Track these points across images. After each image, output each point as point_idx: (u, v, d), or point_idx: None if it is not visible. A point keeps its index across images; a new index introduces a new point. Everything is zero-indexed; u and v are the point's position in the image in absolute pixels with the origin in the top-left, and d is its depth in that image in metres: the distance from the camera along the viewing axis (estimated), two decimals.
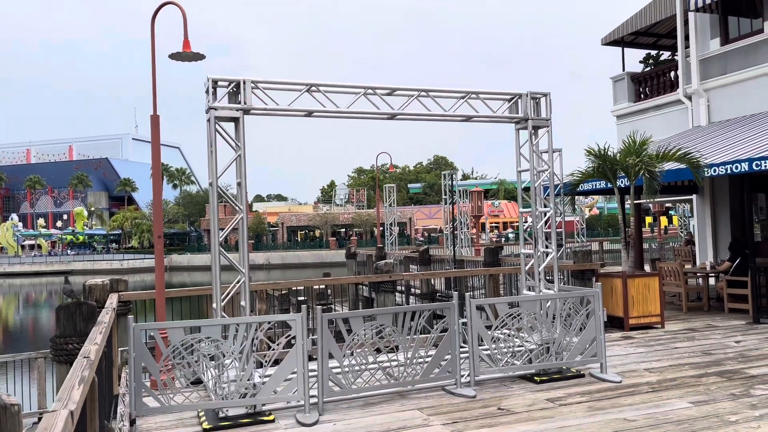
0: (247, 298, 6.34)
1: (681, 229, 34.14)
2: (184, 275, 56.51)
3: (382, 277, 9.77)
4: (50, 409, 2.44)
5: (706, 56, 15.15)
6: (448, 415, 5.80)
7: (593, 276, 10.64)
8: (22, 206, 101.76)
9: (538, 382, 6.83)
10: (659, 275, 10.55)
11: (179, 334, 5.74)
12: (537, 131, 7.69)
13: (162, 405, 5.63)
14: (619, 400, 6.12)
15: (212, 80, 6.18)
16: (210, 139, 6.15)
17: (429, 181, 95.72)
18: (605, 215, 78.77)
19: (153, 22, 7.88)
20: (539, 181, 7.79)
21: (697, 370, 7.20)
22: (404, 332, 6.42)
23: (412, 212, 77.68)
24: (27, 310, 41.38)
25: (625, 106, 17.69)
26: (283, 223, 76.08)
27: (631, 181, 10.34)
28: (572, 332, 7.09)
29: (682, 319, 10.79)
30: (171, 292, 8.23)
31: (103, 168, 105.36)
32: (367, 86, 6.79)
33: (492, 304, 7.28)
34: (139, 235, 76.62)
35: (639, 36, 18.40)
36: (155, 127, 7.75)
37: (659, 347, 8.58)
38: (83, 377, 2.99)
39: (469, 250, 28.16)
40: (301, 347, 5.84)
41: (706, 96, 15.12)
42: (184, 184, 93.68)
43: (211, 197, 6.26)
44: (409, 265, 20.74)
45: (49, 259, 70.18)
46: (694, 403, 5.97)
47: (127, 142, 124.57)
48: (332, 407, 6.08)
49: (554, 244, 7.79)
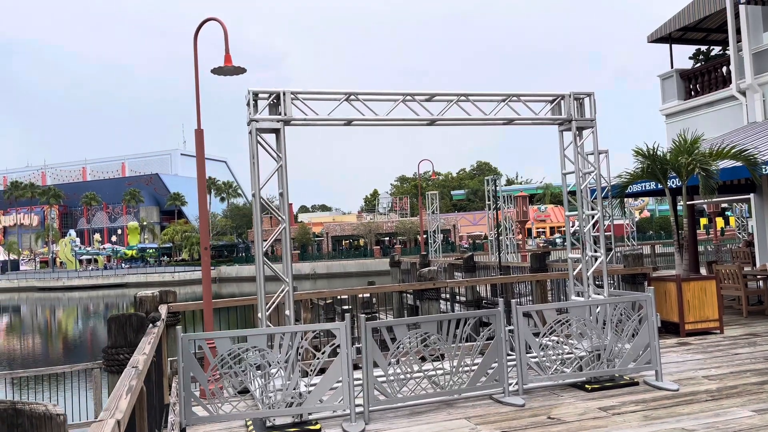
0: (291, 307, 6.38)
1: (739, 231, 32.75)
2: (233, 286, 57.64)
3: (425, 284, 9.69)
4: (98, 418, 2.48)
5: (760, 50, 14.55)
6: (496, 425, 5.68)
7: (645, 280, 10.29)
8: (79, 222, 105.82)
9: (590, 390, 6.62)
10: (716, 278, 10.12)
11: (226, 343, 5.81)
12: (581, 132, 7.50)
13: (211, 414, 5.70)
14: (677, 409, 5.87)
15: (253, 93, 6.28)
16: (252, 151, 6.23)
17: (472, 187, 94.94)
18: (656, 217, 76.44)
19: (195, 38, 8.07)
20: (585, 183, 7.59)
21: (760, 377, 6.85)
22: (449, 340, 6.33)
23: (456, 219, 77.19)
24: (85, 321, 42.88)
25: (675, 104, 17.16)
26: (327, 233, 76.78)
27: (682, 180, 9.98)
28: (624, 338, 6.86)
29: (743, 324, 10.32)
30: (218, 303, 8.36)
31: (154, 183, 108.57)
32: (405, 93, 6.77)
33: (539, 311, 7.12)
34: (189, 248, 78.52)
35: (687, 31, 17.84)
36: (200, 141, 7.92)
37: (718, 353, 8.21)
38: (131, 387, 3.04)
39: (515, 256, 27.73)
40: (345, 356, 5.82)
41: (761, 91, 14.52)
42: (232, 197, 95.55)
43: (254, 208, 6.35)
44: (454, 272, 20.55)
45: (105, 272, 72.81)
46: (757, 411, 5.67)
47: (176, 158, 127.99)
48: (378, 416, 6.04)
49: (603, 247, 7.57)
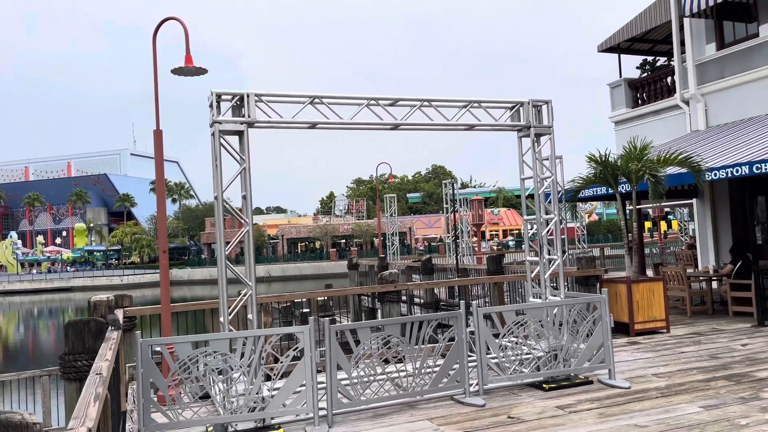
0: (254, 312, 6.33)
1: (681, 234, 34.15)
2: (184, 290, 56.37)
3: (387, 287, 9.75)
4: (69, 427, 2.43)
5: (703, 61, 15.24)
6: (458, 425, 5.78)
7: (597, 282, 10.63)
8: (21, 224, 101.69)
9: (547, 389, 6.81)
10: (663, 280, 10.55)
11: (187, 348, 5.72)
12: (539, 138, 7.71)
13: (170, 420, 5.60)
14: (629, 406, 6.10)
15: (216, 94, 6.21)
16: (215, 153, 6.16)
17: (428, 190, 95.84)
18: (604, 221, 78.83)
19: (155, 37, 7.92)
20: (543, 188, 7.81)
21: (706, 374, 7.19)
22: (412, 342, 6.41)
23: (412, 222, 77.70)
24: (27, 327, 41.21)
25: (623, 112, 17.78)
26: (283, 235, 76.07)
27: (632, 186, 10.37)
28: (579, 339, 7.08)
29: (687, 323, 10.78)
30: (177, 307, 8.20)
31: (102, 184, 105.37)
32: (369, 97, 6.82)
33: (499, 312, 7.27)
34: (138, 250, 76.54)
35: (635, 42, 18.52)
36: (158, 142, 7.77)
37: (666, 352, 8.57)
38: (98, 394, 2.98)
39: (471, 259, 28.13)
40: (309, 359, 5.82)
41: (703, 100, 15.20)
42: (183, 198, 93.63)
43: (216, 211, 6.27)
44: (412, 274, 20.70)
45: (49, 276, 70.07)
46: (705, 407, 5.95)
47: (126, 158, 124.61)
48: (341, 419, 6.05)
49: (559, 250, 7.79)
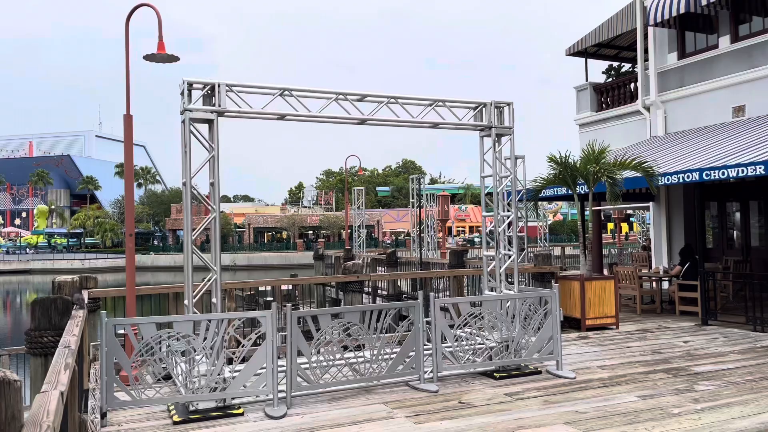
0: (218, 296, 6.51)
1: (640, 236, 35.22)
2: (148, 275, 55.56)
3: (350, 277, 10.00)
4: (42, 390, 2.61)
5: (664, 69, 15.82)
6: (411, 408, 6.08)
7: (553, 278, 11.06)
8: None
9: (498, 378, 7.16)
10: (615, 279, 11.03)
11: (151, 329, 5.88)
12: (500, 139, 8.03)
13: (133, 399, 5.76)
14: (572, 395, 6.49)
15: (188, 83, 6.35)
16: (184, 140, 6.31)
17: (397, 184, 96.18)
18: (569, 221, 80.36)
19: (127, 23, 7.97)
20: (502, 186, 8.14)
21: (646, 368, 7.64)
22: (371, 330, 6.67)
23: (380, 215, 77.99)
24: None
25: (588, 116, 18.31)
26: (249, 224, 75.53)
27: (590, 187, 10.81)
28: (531, 331, 7.45)
29: (636, 321, 11.31)
30: (142, 289, 8.30)
31: (65, 165, 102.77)
32: (338, 92, 7.03)
33: (455, 304, 7.59)
34: (101, 234, 75.08)
35: (602, 48, 19.07)
36: (128, 127, 7.85)
37: (613, 346, 9.03)
38: (67, 364, 3.15)
39: (435, 253, 28.57)
40: (271, 343, 6.03)
41: (663, 107, 15.79)
42: (149, 183, 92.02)
43: (184, 197, 6.42)
44: (377, 267, 21.02)
45: (7, 257, 68.24)
46: (641, 397, 6.37)
47: (91, 139, 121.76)
48: (300, 401, 6.29)
49: (515, 247, 8.14)
